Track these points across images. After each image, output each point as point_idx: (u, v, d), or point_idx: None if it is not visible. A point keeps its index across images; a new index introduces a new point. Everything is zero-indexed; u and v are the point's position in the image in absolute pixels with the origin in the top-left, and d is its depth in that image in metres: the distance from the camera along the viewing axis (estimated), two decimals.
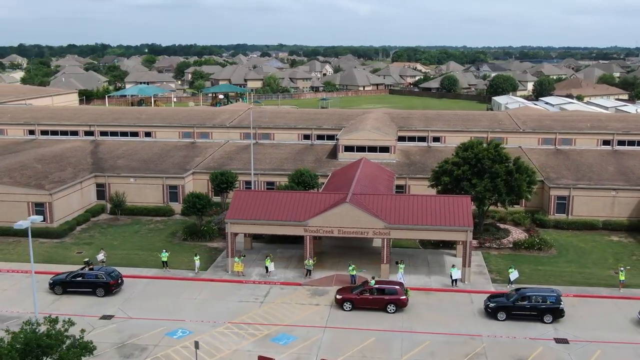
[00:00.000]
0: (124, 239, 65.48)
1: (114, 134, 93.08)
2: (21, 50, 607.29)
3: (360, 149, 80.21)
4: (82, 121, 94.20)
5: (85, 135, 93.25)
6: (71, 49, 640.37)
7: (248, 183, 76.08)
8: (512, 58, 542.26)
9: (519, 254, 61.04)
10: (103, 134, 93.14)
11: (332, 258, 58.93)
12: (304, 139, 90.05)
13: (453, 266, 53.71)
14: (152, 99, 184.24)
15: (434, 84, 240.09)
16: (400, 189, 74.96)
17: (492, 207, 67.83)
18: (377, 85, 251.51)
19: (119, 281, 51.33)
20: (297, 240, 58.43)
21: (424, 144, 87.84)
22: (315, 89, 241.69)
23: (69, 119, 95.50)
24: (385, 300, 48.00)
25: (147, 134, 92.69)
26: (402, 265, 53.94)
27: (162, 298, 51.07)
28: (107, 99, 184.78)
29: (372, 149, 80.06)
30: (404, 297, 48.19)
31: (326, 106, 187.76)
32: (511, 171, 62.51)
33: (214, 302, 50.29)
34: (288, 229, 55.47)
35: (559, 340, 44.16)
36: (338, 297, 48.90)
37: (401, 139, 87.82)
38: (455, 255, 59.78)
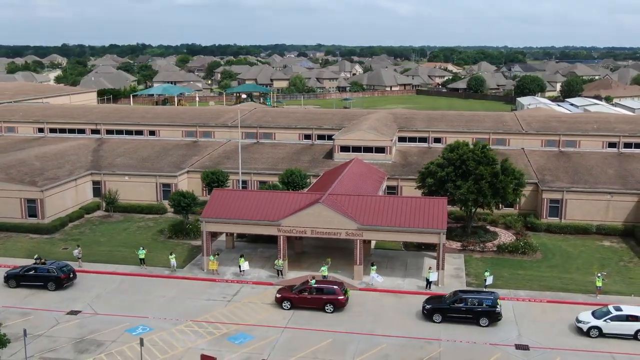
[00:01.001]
0: (112, 236, 66.41)
1: (119, 132, 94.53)
2: (63, 50, 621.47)
3: (356, 149, 79.73)
4: (90, 120, 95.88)
5: (92, 133, 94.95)
6: (112, 49, 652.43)
7: (243, 182, 76.44)
8: (552, 58, 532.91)
9: (503, 257, 59.90)
10: (109, 132, 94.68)
11: (311, 258, 58.68)
12: (305, 138, 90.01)
13: (430, 269, 53.02)
14: (176, 98, 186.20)
15: (462, 84, 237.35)
16: (393, 189, 74.45)
17: (484, 210, 67.15)
18: (404, 85, 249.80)
19: (71, 275, 52.22)
20: None
21: (425, 144, 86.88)
22: (342, 89, 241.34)
23: (78, 117, 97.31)
24: (323, 300, 48.06)
25: (152, 133, 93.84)
26: (374, 267, 53.53)
27: (132, 295, 51.65)
28: (132, 98, 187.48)
29: (368, 149, 79.52)
30: (342, 297, 48.10)
31: (349, 106, 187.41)
32: (497, 173, 61.34)
33: (182, 300, 50.65)
34: (262, 228, 55.48)
35: (519, 347, 43.18)
36: (278, 295, 49.20)
37: (402, 139, 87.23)
38: (431, 258, 59.06)
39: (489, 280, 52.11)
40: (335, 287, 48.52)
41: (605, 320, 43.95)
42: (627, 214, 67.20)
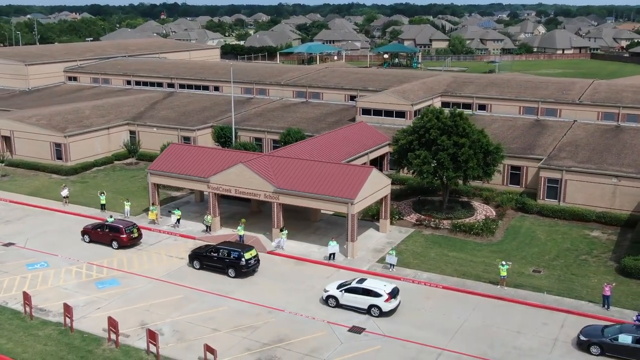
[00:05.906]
0: (115, 182, 71.89)
1: (189, 87, 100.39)
2: (278, 9, 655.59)
3: (377, 112, 76.69)
4: (167, 75, 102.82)
5: (167, 87, 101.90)
6: (323, 8, 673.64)
7: (258, 140, 77.72)
8: None
9: (452, 237, 54.88)
10: (181, 86, 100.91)
11: (256, 219, 58.75)
12: (350, 99, 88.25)
13: (332, 239, 50.78)
14: (318, 57, 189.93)
15: None
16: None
17: (483, 185, 62.60)
18: (580, 48, 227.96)
19: None
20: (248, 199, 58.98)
21: (468, 111, 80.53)
22: (507, 51, 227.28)
23: (159, 72, 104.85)
24: (110, 236, 53.20)
25: (216, 88, 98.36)
26: (285, 232, 52.47)
27: (67, 235, 56.06)
28: (278, 56, 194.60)
29: (389, 113, 76.11)
30: (124, 235, 52.13)
31: (494, 70, 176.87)
32: (462, 145, 55.85)
33: (102, 244, 53.92)
34: (196, 184, 56.91)
35: (352, 329, 40.24)
36: (82, 229, 54.19)
37: (445, 104, 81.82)
38: (378, 229, 56.13)
39: (390, 259, 48.39)
40: (120, 226, 52.43)
41: (341, 291, 42.30)
42: (638, 202, 57.31)
